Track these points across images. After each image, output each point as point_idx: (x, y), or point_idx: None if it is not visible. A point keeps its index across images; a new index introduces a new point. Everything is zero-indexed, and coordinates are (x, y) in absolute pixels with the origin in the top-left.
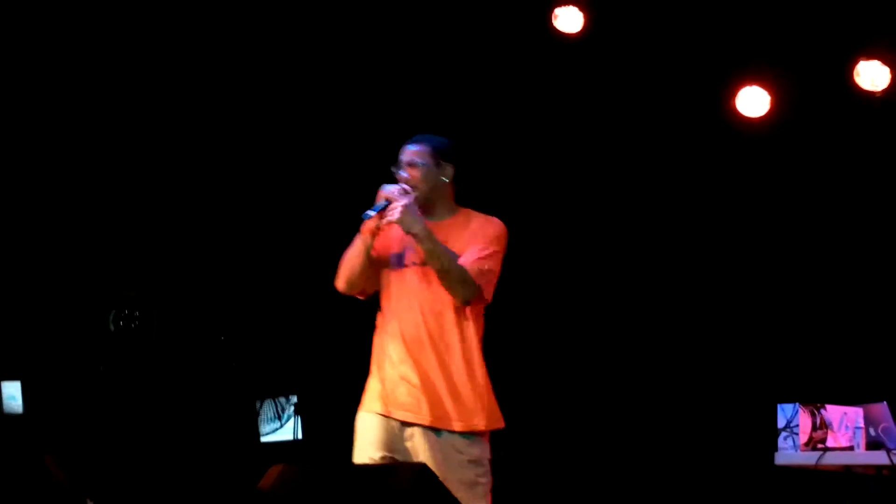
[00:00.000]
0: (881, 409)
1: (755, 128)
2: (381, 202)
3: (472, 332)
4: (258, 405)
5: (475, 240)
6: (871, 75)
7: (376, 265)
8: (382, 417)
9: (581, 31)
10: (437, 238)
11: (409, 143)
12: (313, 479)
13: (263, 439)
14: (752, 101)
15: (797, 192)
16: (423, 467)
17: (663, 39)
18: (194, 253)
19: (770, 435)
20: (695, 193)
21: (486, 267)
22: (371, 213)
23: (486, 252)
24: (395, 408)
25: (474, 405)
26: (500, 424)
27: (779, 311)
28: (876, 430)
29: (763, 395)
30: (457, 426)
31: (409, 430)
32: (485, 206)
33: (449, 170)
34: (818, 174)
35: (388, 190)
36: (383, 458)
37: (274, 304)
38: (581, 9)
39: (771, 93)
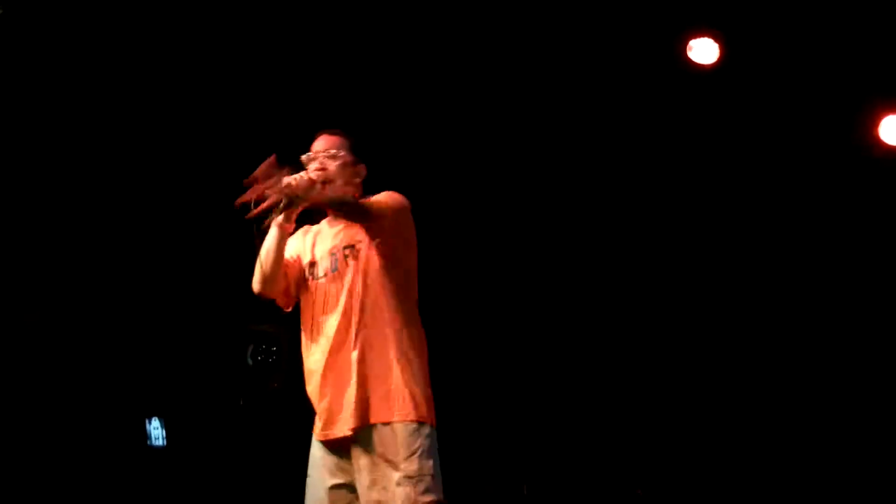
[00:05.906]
0: None
1: None
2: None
3: (392, 329)
4: None
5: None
6: None
7: (292, 278)
8: (322, 443)
9: (716, 61)
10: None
11: (325, 133)
12: None
13: None
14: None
15: None
16: None
17: (801, 68)
18: None
19: None
20: (840, 221)
21: (385, 202)
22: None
23: (379, 196)
24: (325, 427)
25: (395, 397)
26: (423, 415)
27: None
28: None
29: None
30: (379, 419)
31: (345, 445)
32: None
33: (362, 170)
34: None
35: (291, 179)
36: (336, 485)
37: None
38: (716, 39)
39: None
